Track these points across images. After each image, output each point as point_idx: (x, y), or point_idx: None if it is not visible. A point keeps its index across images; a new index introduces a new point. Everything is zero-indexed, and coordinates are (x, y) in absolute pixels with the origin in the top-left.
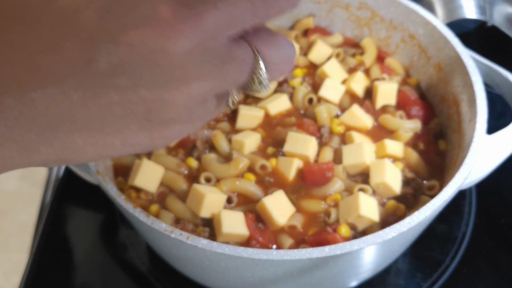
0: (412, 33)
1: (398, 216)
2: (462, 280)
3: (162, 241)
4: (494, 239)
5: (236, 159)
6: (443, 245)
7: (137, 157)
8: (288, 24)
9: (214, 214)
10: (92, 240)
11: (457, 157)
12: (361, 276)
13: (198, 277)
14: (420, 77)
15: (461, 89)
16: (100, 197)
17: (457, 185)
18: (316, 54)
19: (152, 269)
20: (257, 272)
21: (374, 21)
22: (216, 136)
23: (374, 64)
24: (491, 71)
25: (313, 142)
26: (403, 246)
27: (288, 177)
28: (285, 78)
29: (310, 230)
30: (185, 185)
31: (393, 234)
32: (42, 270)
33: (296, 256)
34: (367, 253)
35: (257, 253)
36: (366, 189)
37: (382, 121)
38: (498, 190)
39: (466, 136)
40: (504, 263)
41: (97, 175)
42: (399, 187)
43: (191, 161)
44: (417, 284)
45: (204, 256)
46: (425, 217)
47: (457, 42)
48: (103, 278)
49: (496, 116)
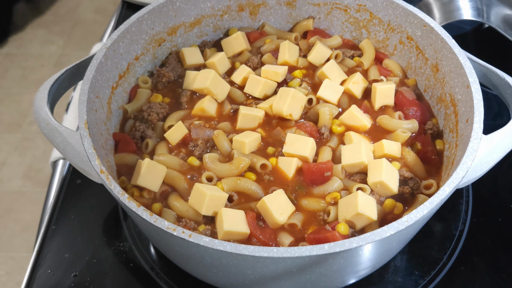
0: (410, 35)
1: (396, 215)
2: (459, 278)
3: (165, 239)
4: (491, 238)
5: (237, 159)
6: (441, 243)
7: (140, 157)
8: (288, 26)
9: (215, 212)
10: (95, 238)
11: (454, 157)
12: (359, 274)
13: (200, 274)
14: (417, 78)
15: (458, 90)
16: (103, 196)
17: (454, 184)
18: (316, 56)
19: (154, 267)
20: (257, 269)
21: (372, 23)
22: (218, 135)
23: (372, 65)
24: (488, 72)
25: (312, 143)
26: (401, 244)
27: (289, 175)
28: (284, 79)
29: (310, 228)
30: (187, 184)
31: (391, 232)
32: (45, 269)
33: (296, 253)
34: (365, 250)
35: (257, 251)
36: (364, 188)
37: (380, 121)
38: (495, 189)
39: (463, 136)
40: (501, 261)
41: (100, 174)
42: (396, 186)
43: (193, 160)
44: (414, 281)
45: (206, 254)
46: (422, 215)
47: (454, 44)
48: (106, 276)
49: (493, 116)
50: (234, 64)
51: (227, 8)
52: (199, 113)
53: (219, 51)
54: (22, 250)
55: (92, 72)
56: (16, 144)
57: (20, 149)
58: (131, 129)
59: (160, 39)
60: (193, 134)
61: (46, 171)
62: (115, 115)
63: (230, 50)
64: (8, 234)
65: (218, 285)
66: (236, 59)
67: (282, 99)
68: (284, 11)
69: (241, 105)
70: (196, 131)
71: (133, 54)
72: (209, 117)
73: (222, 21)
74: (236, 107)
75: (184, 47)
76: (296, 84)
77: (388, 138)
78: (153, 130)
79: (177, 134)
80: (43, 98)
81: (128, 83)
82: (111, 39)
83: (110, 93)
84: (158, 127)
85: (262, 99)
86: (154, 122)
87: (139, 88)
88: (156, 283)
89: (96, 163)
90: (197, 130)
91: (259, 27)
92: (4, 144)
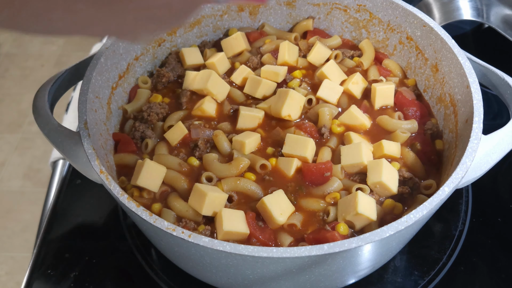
0: (409, 35)
1: (396, 215)
2: (459, 278)
3: (165, 239)
4: (491, 238)
5: (237, 159)
6: (440, 243)
7: (140, 157)
8: (288, 27)
9: (215, 212)
10: (95, 239)
11: (453, 157)
12: (359, 274)
13: (199, 275)
14: (417, 78)
15: (458, 90)
16: (103, 196)
17: (453, 184)
18: (315, 56)
19: (154, 267)
20: (257, 270)
21: (372, 23)
22: (217, 136)
23: (372, 65)
24: (487, 72)
25: (311, 143)
26: (401, 244)
27: (288, 175)
28: (284, 79)
29: (309, 228)
30: (186, 184)
31: (390, 232)
32: (45, 269)
33: (295, 253)
34: (365, 251)
35: (257, 251)
36: (364, 189)
37: (380, 121)
38: (495, 189)
39: (462, 136)
40: (501, 261)
41: (100, 174)
42: (396, 186)
43: (192, 161)
44: (414, 281)
45: (206, 254)
46: (422, 215)
47: (454, 44)
48: (106, 276)
49: (493, 116)
50: (234, 64)
51: (227, 8)
52: (198, 113)
53: (219, 51)
54: (22, 250)
55: (92, 72)
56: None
57: (20, 149)
58: (130, 129)
59: (160, 39)
60: (192, 134)
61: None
62: (115, 115)
63: (230, 50)
64: (8, 234)
65: (217, 285)
66: (236, 59)
67: (281, 100)
68: (284, 11)
69: (241, 105)
70: (195, 131)
71: (132, 54)
72: (208, 117)
73: (222, 21)
74: (236, 107)
75: (184, 47)
76: (295, 84)
77: (388, 138)
78: (152, 130)
79: (177, 134)
80: (43, 98)
81: (128, 83)
82: (111, 39)
83: (110, 93)
84: (158, 127)
85: (261, 100)
86: (154, 122)
87: (139, 88)
88: (156, 283)
89: (96, 163)
90: (197, 130)
91: (259, 27)
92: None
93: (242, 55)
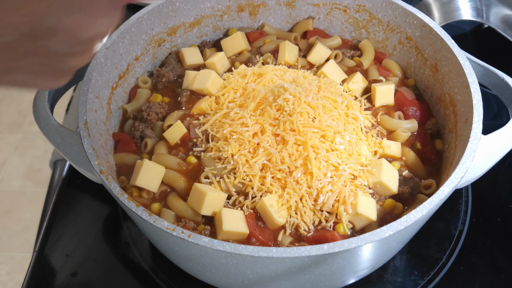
0: (409, 35)
1: (396, 215)
2: (458, 278)
3: (164, 239)
4: (490, 238)
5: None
6: (440, 243)
7: (140, 157)
8: (287, 27)
9: (214, 212)
10: (95, 238)
11: (453, 157)
12: (359, 274)
13: (199, 275)
14: (417, 78)
15: (458, 90)
16: (103, 196)
17: (453, 184)
18: (315, 56)
19: (154, 267)
20: (257, 270)
21: (372, 23)
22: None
23: (372, 65)
24: (487, 72)
25: None
26: (401, 244)
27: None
28: None
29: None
30: (185, 184)
31: (390, 232)
32: (45, 269)
33: (295, 253)
34: (365, 250)
35: (257, 251)
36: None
37: (381, 121)
38: (495, 189)
39: (462, 136)
40: (500, 261)
41: (100, 174)
42: (396, 186)
43: (191, 159)
44: (414, 281)
45: (205, 254)
46: (422, 215)
47: (453, 44)
48: (106, 276)
49: (492, 117)
50: (234, 64)
51: (226, 9)
52: (198, 112)
53: (218, 51)
54: (22, 250)
55: (92, 72)
56: (16, 144)
57: (20, 149)
58: (130, 129)
59: (160, 40)
60: (192, 134)
61: (46, 171)
62: (115, 115)
63: (230, 50)
64: (8, 234)
65: (217, 285)
66: (236, 59)
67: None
68: (284, 11)
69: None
70: (194, 130)
71: (132, 54)
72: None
73: (221, 22)
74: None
75: (183, 47)
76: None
77: (388, 138)
78: (152, 130)
79: (176, 133)
80: (43, 98)
81: (127, 83)
82: (111, 40)
83: (110, 93)
84: (158, 126)
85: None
86: (153, 121)
87: (138, 88)
88: (156, 283)
89: (96, 163)
90: (196, 129)
91: (258, 27)
92: (4, 144)
93: (242, 55)
